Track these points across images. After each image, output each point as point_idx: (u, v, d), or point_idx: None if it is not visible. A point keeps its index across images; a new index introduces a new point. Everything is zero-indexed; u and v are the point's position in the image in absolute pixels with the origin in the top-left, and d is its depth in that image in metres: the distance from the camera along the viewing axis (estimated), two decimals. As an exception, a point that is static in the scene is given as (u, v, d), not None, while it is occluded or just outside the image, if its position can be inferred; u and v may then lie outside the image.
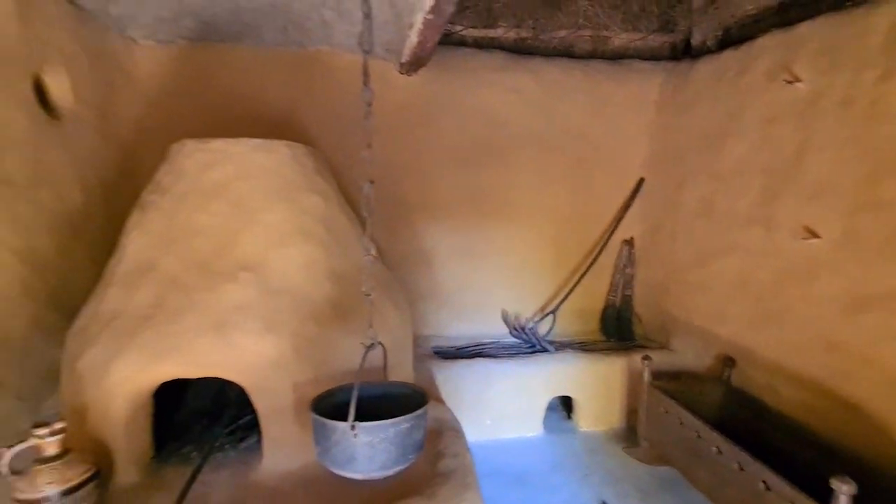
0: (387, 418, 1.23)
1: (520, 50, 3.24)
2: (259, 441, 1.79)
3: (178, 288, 1.62)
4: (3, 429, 1.71)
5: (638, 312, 3.47)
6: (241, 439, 1.80)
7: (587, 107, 3.32)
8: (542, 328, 3.26)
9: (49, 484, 1.32)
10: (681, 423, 2.23)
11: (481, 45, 3.21)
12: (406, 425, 1.24)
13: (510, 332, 3.30)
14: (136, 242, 1.73)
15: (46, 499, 1.32)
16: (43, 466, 1.34)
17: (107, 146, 2.46)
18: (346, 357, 1.78)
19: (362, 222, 2.23)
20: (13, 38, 1.85)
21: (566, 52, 3.31)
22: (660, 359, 2.80)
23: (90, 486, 1.40)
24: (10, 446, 1.34)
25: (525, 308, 3.43)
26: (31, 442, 1.35)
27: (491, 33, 3.18)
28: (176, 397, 2.03)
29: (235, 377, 1.62)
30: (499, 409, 2.82)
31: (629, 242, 3.46)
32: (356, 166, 2.71)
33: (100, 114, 2.41)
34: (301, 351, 1.68)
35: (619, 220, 3.42)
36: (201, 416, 2.01)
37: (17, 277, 1.84)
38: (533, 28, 3.18)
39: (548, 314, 3.32)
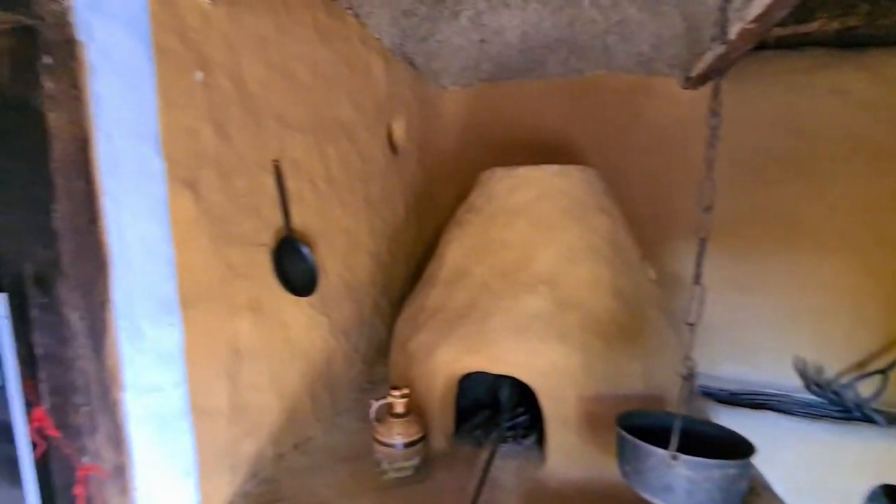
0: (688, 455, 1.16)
1: (846, 43, 2.64)
2: (538, 442, 1.94)
3: (488, 293, 1.90)
4: (383, 383, 2.30)
5: None
6: (524, 436, 1.97)
7: (956, 102, 2.47)
8: (862, 390, 2.54)
9: (398, 434, 1.71)
10: None
11: (787, 44, 2.74)
12: (733, 471, 1.14)
13: (807, 388, 2.68)
14: (454, 252, 2.11)
15: (394, 445, 1.71)
16: (395, 420, 1.75)
17: (420, 172, 3.09)
18: (627, 378, 1.77)
19: (639, 243, 2.20)
20: (382, 96, 2.51)
21: (924, 35, 2.54)
22: None
23: (421, 444, 1.75)
24: (377, 399, 1.80)
25: (828, 359, 2.73)
26: (388, 399, 1.78)
27: (802, 29, 2.67)
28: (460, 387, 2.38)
29: (529, 379, 1.79)
30: (793, 480, 2.30)
31: None
32: (622, 184, 2.70)
33: (418, 147, 3.04)
34: (587, 365, 1.74)
35: None
36: (482, 407, 2.28)
37: (369, 272, 2.48)
38: (868, 14, 2.54)
39: (873, 374, 2.56)
